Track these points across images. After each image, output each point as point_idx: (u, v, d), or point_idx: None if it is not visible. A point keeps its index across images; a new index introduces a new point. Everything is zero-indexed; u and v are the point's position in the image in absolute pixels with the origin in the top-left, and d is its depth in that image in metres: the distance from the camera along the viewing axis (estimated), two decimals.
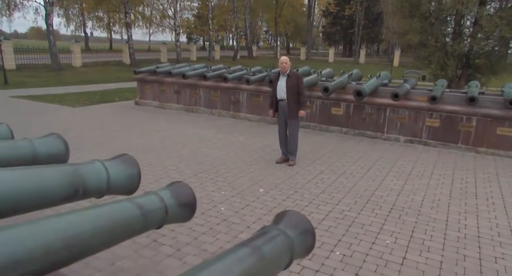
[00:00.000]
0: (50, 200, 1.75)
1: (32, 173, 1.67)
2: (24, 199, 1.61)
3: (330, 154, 6.84)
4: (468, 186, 5.45)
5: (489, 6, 13.00)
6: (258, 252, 1.20)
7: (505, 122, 6.96)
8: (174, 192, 1.79)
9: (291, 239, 1.37)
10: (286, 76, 5.80)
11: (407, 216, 4.30)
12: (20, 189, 1.56)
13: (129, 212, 1.54)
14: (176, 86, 10.80)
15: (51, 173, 1.73)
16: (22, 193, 1.58)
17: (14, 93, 13.94)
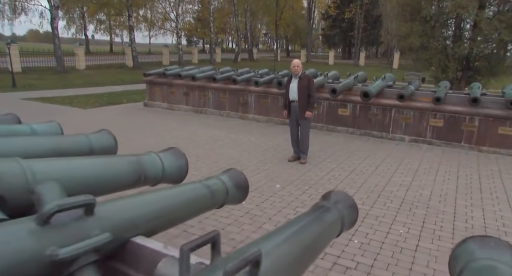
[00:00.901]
0: (121, 184, 2.03)
1: (108, 162, 1.95)
2: (103, 183, 1.90)
3: (339, 153, 7.13)
4: (473, 182, 5.74)
5: (488, 10, 13.35)
6: (320, 221, 1.48)
7: (507, 122, 7.26)
8: (231, 177, 2.07)
9: (341, 212, 1.65)
10: (298, 78, 6.09)
11: (417, 209, 4.58)
12: (100, 174, 1.84)
13: (201, 191, 1.82)
14: (185, 88, 11.08)
15: (121, 161, 2.01)
16: (102, 177, 1.85)
17: (23, 96, 14.20)
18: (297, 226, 1.41)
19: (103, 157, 1.98)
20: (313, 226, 1.44)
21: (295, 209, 4.46)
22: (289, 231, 1.36)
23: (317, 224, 1.46)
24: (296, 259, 1.20)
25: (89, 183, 1.77)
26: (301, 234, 1.35)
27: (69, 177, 1.68)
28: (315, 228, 1.44)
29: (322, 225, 1.48)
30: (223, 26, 50.63)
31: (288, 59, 48.40)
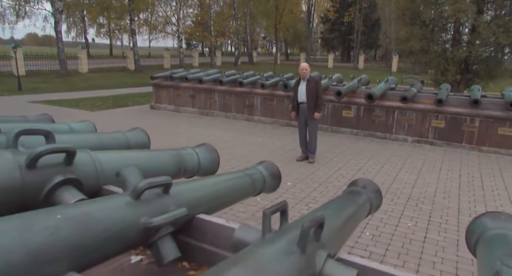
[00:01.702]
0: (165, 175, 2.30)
1: (154, 154, 2.20)
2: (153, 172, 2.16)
3: (345, 153, 7.37)
4: (475, 180, 5.99)
5: (486, 14, 13.67)
6: (353, 201, 1.73)
7: (506, 123, 7.53)
8: (267, 168, 2.32)
9: (369, 196, 1.90)
10: (306, 81, 6.34)
11: (423, 205, 4.83)
12: (150, 165, 2.09)
13: (245, 179, 2.07)
14: (192, 91, 11.33)
15: (165, 154, 2.26)
16: (151, 167, 2.11)
17: (29, 99, 14.41)
18: (337, 204, 1.67)
19: (149, 151, 2.23)
20: (350, 205, 1.69)
21: (308, 205, 4.70)
22: (333, 208, 1.61)
23: (352, 204, 1.71)
24: (341, 229, 1.45)
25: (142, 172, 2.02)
26: (342, 210, 1.61)
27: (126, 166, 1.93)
28: (351, 207, 1.69)
29: (356, 205, 1.73)
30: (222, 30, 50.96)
31: (287, 62, 48.78)
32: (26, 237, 0.91)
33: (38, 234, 0.94)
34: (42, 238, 0.94)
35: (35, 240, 0.92)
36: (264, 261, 0.90)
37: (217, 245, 1.42)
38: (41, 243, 0.92)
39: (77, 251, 1.00)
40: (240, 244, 1.16)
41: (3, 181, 1.26)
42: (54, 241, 0.95)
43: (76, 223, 1.04)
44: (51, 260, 0.93)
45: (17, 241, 0.90)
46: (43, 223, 0.98)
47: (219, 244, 1.41)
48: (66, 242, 0.98)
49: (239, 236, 1.21)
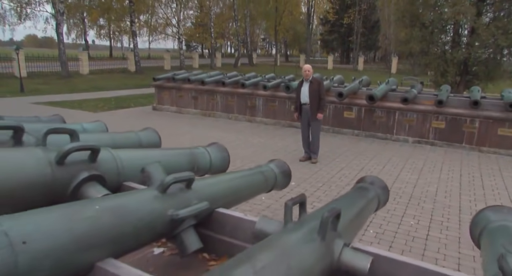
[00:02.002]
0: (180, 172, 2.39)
1: (170, 153, 2.29)
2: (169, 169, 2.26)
3: (346, 154, 7.47)
4: (475, 179, 6.09)
5: (485, 16, 13.80)
6: (363, 197, 1.82)
7: (505, 123, 7.63)
8: (278, 165, 2.41)
9: (377, 191, 2.00)
10: (309, 82, 6.44)
11: (425, 204, 4.92)
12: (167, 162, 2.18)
13: (258, 176, 2.16)
14: (194, 92, 11.42)
15: (179, 153, 2.35)
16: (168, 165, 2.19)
17: (32, 100, 14.49)
18: (349, 199, 1.76)
19: (165, 149, 2.32)
20: (360, 200, 1.79)
21: (312, 204, 4.79)
22: (346, 201, 1.70)
23: (362, 199, 1.80)
24: (354, 221, 1.54)
25: None
26: (354, 204, 1.70)
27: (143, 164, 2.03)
28: (362, 201, 1.78)
29: (365, 199, 1.82)
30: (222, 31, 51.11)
31: (287, 63, 48.92)
32: (70, 225, 1.00)
33: (81, 223, 1.03)
34: (85, 226, 1.02)
35: (79, 228, 1.01)
36: (288, 246, 0.98)
37: (236, 237, 1.50)
38: (83, 231, 1.01)
39: (114, 238, 1.09)
40: (261, 235, 1.24)
41: (36, 176, 1.35)
42: (95, 229, 1.04)
43: (113, 213, 1.13)
44: (92, 246, 1.02)
45: (64, 228, 0.98)
46: (84, 213, 1.07)
47: (238, 237, 1.50)
48: (105, 230, 1.07)
49: (261, 227, 1.29)
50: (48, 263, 0.90)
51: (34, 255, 0.87)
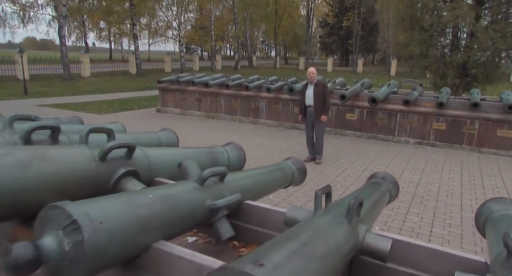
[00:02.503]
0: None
1: (193, 151, 2.46)
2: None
3: (349, 155, 7.64)
4: (476, 179, 6.26)
5: (484, 19, 14.03)
6: (376, 190, 1.98)
7: (504, 125, 7.82)
8: (294, 163, 2.57)
9: (388, 186, 2.16)
10: (314, 85, 6.62)
11: (428, 202, 5.09)
12: None
13: (278, 172, 2.33)
14: (198, 94, 11.59)
15: (201, 151, 2.52)
16: None
17: (36, 102, 14.64)
18: (366, 191, 1.93)
19: (188, 148, 2.48)
20: (375, 192, 1.95)
21: None
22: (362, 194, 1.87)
23: (377, 191, 1.97)
24: (371, 210, 1.71)
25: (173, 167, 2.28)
26: (371, 195, 1.87)
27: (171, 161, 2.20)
28: (376, 193, 1.95)
29: (379, 192, 1.99)
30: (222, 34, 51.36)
31: (286, 66, 49.15)
32: (133, 210, 1.16)
33: (141, 208, 1.19)
34: (143, 211, 1.18)
35: (139, 213, 1.17)
36: (321, 228, 1.14)
37: (264, 227, 1.66)
38: (143, 215, 1.17)
39: (165, 223, 1.25)
40: (292, 222, 1.40)
41: (83, 171, 1.51)
42: (151, 214, 1.20)
43: (163, 202, 1.29)
44: (150, 229, 1.18)
45: (128, 212, 1.14)
46: (142, 200, 1.23)
47: (266, 226, 1.65)
48: (158, 215, 1.23)
49: (291, 214, 1.45)
50: (117, 242, 1.06)
51: (108, 233, 1.03)
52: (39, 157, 1.39)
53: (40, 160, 1.38)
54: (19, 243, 0.91)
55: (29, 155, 1.38)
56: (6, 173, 1.22)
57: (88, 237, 0.95)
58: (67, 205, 1.00)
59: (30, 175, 1.30)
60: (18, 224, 1.43)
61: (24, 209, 1.32)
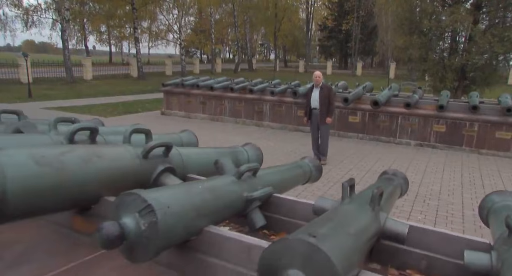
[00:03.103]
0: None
1: (218, 151, 2.67)
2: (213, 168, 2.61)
3: (353, 156, 7.85)
4: (476, 179, 6.48)
5: (482, 24, 14.31)
6: (390, 185, 2.20)
7: (503, 127, 8.06)
8: (311, 161, 2.79)
9: (399, 181, 2.38)
10: (319, 88, 6.84)
11: (430, 201, 5.30)
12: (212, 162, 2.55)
13: (298, 169, 2.54)
14: (202, 98, 11.81)
15: (224, 151, 2.73)
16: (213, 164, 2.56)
17: (41, 105, 14.82)
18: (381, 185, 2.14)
19: (211, 148, 2.69)
20: (388, 187, 2.17)
21: None
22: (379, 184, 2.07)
23: (389, 187, 2.18)
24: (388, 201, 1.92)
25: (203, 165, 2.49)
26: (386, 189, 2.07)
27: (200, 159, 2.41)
28: (389, 188, 2.16)
29: (391, 187, 2.20)
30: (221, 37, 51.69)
31: (286, 69, 49.42)
32: (190, 198, 1.37)
33: (195, 197, 1.39)
34: (197, 200, 1.39)
35: (194, 201, 1.37)
36: (350, 213, 1.35)
37: (292, 217, 1.86)
38: (197, 203, 1.38)
39: (213, 211, 1.46)
40: (320, 211, 1.60)
41: (129, 167, 1.71)
42: (203, 203, 1.41)
43: (210, 192, 1.50)
44: (203, 215, 1.38)
45: (187, 199, 1.35)
46: (194, 191, 1.44)
47: (293, 216, 1.86)
48: (208, 204, 1.43)
49: (319, 204, 1.65)
50: (180, 224, 1.26)
51: (174, 216, 1.23)
52: (96, 154, 1.59)
53: (97, 157, 1.58)
54: (107, 222, 1.11)
55: (88, 152, 1.58)
56: (71, 168, 1.42)
57: (161, 218, 1.15)
58: (141, 192, 1.20)
59: (90, 170, 1.49)
60: (75, 213, 1.63)
61: (83, 200, 1.52)
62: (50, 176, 1.32)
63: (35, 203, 1.26)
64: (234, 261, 1.27)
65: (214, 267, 1.30)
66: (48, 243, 1.47)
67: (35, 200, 1.26)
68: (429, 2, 14.76)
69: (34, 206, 1.27)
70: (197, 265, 1.33)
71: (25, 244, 1.47)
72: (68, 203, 1.47)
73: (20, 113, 2.53)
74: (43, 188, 1.28)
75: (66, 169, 1.38)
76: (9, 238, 1.48)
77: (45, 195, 1.30)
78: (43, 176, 1.29)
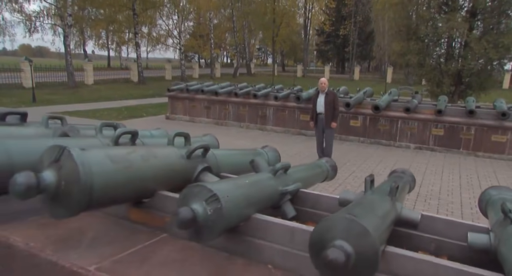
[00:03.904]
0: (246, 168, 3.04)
1: (242, 152, 2.97)
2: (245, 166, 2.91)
3: (355, 159, 8.16)
4: (473, 180, 6.80)
5: (477, 30, 14.75)
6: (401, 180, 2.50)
7: (498, 130, 8.42)
8: (328, 161, 3.08)
9: (408, 178, 2.68)
10: (325, 94, 7.17)
11: (431, 200, 5.61)
12: (243, 160, 2.85)
13: (317, 168, 2.84)
14: (207, 102, 12.12)
15: (248, 152, 3.03)
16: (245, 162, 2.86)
17: (46, 110, 14.99)
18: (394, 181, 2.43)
19: (237, 149, 2.99)
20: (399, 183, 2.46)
21: None
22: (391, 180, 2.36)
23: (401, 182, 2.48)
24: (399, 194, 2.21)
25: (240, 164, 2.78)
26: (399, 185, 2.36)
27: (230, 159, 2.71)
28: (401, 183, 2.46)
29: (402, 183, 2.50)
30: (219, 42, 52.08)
31: (284, 73, 49.87)
32: (242, 189, 1.66)
33: (244, 189, 1.68)
34: (246, 192, 1.68)
35: (244, 192, 1.66)
36: (374, 201, 1.64)
37: (317, 209, 2.15)
38: (246, 194, 1.66)
39: (258, 201, 1.74)
40: (345, 202, 1.89)
41: (176, 166, 1.98)
42: (250, 194, 1.70)
43: (254, 185, 1.79)
44: (251, 204, 1.67)
45: (240, 191, 1.63)
46: (242, 184, 1.73)
47: (318, 208, 2.14)
48: (254, 195, 1.72)
49: (344, 196, 1.94)
50: (236, 212, 1.54)
51: (232, 204, 1.51)
52: (152, 154, 1.88)
53: (153, 157, 1.87)
54: (182, 208, 1.39)
55: (147, 152, 1.87)
56: (136, 165, 1.70)
57: (224, 205, 1.44)
58: (207, 184, 1.49)
59: (149, 168, 1.77)
60: (131, 206, 1.91)
61: (143, 193, 1.80)
62: (121, 172, 1.59)
63: (110, 195, 1.50)
64: (279, 242, 1.54)
65: (261, 248, 1.56)
66: (112, 231, 1.71)
67: (110, 192, 1.52)
68: (426, 9, 15.21)
69: (110, 198, 1.52)
70: (245, 246, 1.59)
71: (93, 232, 1.73)
72: (132, 195, 1.75)
73: (63, 118, 2.82)
74: (117, 182, 1.54)
75: (132, 167, 1.66)
76: (80, 228, 1.75)
77: (117, 188, 1.56)
78: (117, 172, 1.57)
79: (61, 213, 1.39)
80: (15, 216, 1.77)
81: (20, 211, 1.80)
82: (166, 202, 1.73)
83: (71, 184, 1.33)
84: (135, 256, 1.49)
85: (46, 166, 1.39)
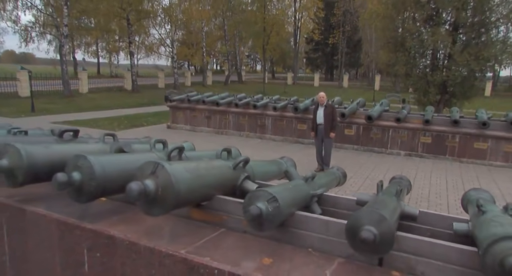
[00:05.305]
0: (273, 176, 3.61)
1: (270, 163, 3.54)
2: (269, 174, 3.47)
3: (351, 165, 8.81)
4: (458, 184, 7.51)
5: (460, 43, 15.70)
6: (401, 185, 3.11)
7: (480, 138, 9.19)
8: (338, 168, 3.67)
9: (406, 183, 3.29)
10: (324, 107, 7.82)
11: (421, 202, 6.27)
12: (270, 170, 3.42)
13: (332, 175, 3.43)
14: (207, 112, 12.67)
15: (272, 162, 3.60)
16: (269, 171, 3.44)
17: (47, 120, 15.31)
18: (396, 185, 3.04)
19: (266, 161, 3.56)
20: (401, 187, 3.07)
21: None
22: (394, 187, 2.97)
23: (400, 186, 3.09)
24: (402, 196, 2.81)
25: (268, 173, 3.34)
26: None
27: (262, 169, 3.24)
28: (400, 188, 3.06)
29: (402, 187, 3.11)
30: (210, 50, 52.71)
31: (274, 81, 50.70)
32: (286, 193, 2.22)
33: (289, 192, 2.25)
34: (290, 195, 2.25)
35: (289, 195, 2.23)
36: (386, 200, 2.23)
37: (337, 208, 2.73)
38: (292, 196, 2.23)
39: (298, 202, 2.31)
40: (362, 202, 2.47)
41: (226, 175, 2.52)
42: (294, 196, 2.27)
43: (295, 190, 2.36)
44: (294, 205, 2.23)
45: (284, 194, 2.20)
46: (287, 188, 2.30)
47: (338, 207, 2.72)
48: (296, 197, 2.29)
49: (360, 197, 2.52)
50: (288, 210, 2.11)
51: (284, 204, 2.08)
52: (212, 166, 2.45)
53: (212, 168, 2.44)
54: (252, 206, 1.95)
55: (208, 165, 2.43)
56: (202, 175, 2.26)
57: (281, 204, 2.01)
58: (267, 189, 2.06)
59: (211, 177, 2.33)
60: (192, 207, 2.44)
61: (206, 197, 2.35)
62: (195, 180, 2.14)
63: (189, 198, 2.01)
64: (317, 231, 2.09)
65: (303, 236, 2.11)
66: (181, 227, 2.14)
67: (190, 196, 2.05)
68: (412, 23, 16.14)
69: (189, 200, 2.02)
70: (290, 235, 2.14)
71: (169, 227, 2.20)
72: (199, 199, 2.31)
73: (115, 135, 3.36)
74: (193, 188, 2.07)
75: (201, 176, 2.21)
76: (158, 225, 2.24)
77: (194, 193, 2.10)
78: (193, 180, 2.12)
79: (157, 211, 1.83)
80: (99, 216, 2.14)
81: (102, 211, 2.20)
82: (223, 203, 2.12)
83: (166, 190, 1.78)
84: (209, 243, 1.86)
85: (145, 177, 1.85)
